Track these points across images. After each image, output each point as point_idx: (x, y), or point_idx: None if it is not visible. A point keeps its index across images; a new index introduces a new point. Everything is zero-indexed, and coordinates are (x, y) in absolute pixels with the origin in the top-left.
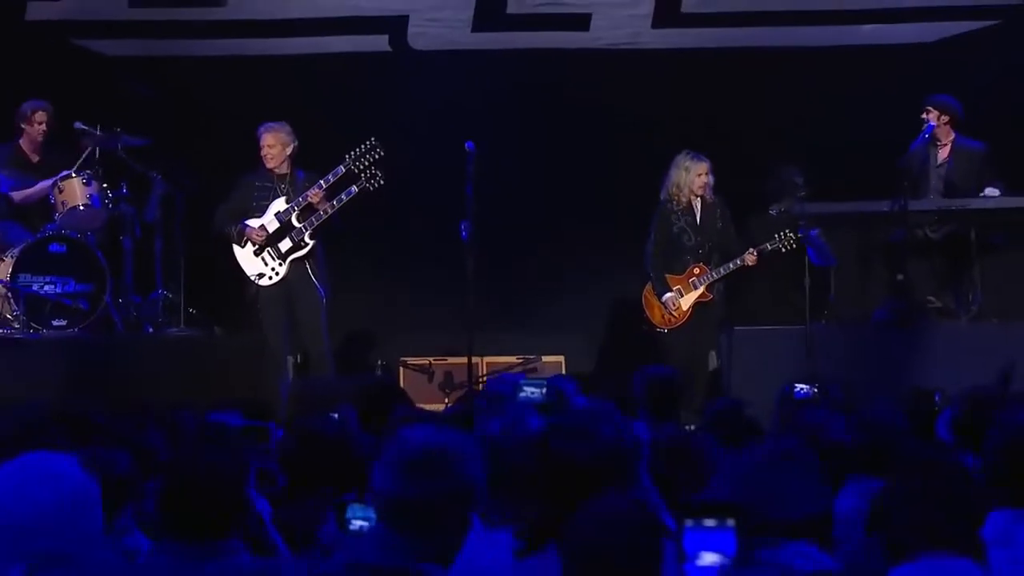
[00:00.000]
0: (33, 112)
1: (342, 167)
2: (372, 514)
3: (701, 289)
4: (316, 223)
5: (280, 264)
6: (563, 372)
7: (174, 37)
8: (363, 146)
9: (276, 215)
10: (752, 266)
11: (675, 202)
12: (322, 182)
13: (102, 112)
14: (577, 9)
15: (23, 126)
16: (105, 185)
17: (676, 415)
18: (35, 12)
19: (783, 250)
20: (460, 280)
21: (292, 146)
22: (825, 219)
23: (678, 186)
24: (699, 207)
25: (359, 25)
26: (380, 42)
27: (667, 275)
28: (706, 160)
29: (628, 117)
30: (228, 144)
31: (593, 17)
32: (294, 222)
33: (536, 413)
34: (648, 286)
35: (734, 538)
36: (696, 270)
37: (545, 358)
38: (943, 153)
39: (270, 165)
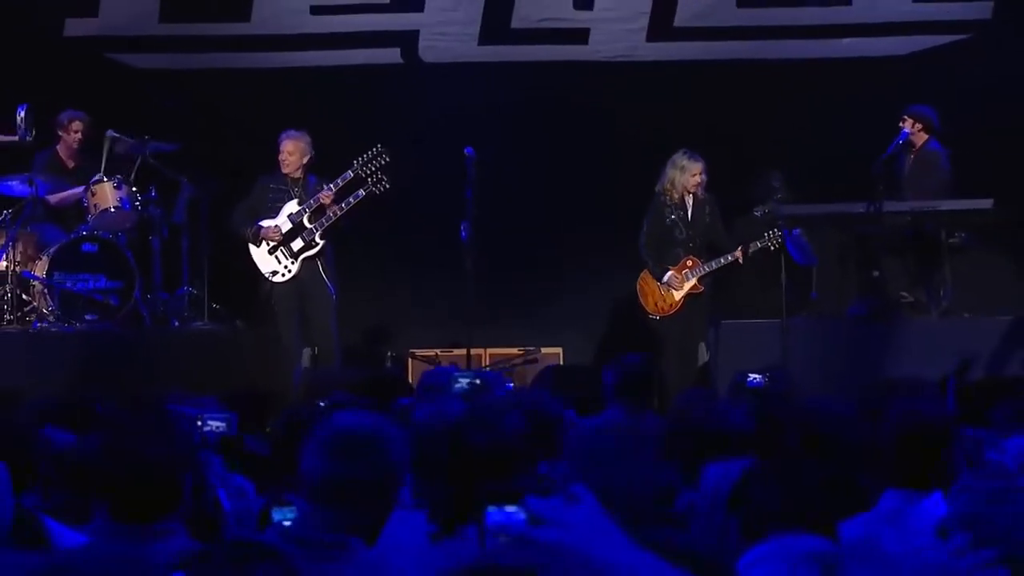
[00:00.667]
0: (70, 121)
1: (350, 172)
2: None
3: (693, 281)
4: (326, 224)
5: (292, 262)
6: (561, 363)
7: (201, 51)
8: (370, 152)
9: (289, 216)
10: (740, 263)
11: (668, 196)
12: (331, 185)
13: (133, 121)
14: (577, 24)
15: (60, 133)
16: (135, 189)
17: (648, 403)
18: (72, 29)
19: (771, 248)
20: (464, 278)
21: (309, 155)
22: (805, 220)
23: (672, 183)
24: (691, 203)
25: (373, 39)
26: (393, 55)
27: (664, 265)
28: (701, 160)
29: (624, 125)
30: (251, 150)
31: (592, 32)
32: (306, 223)
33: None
34: (643, 274)
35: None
36: (689, 262)
37: (544, 350)
38: (910, 161)
39: (286, 171)
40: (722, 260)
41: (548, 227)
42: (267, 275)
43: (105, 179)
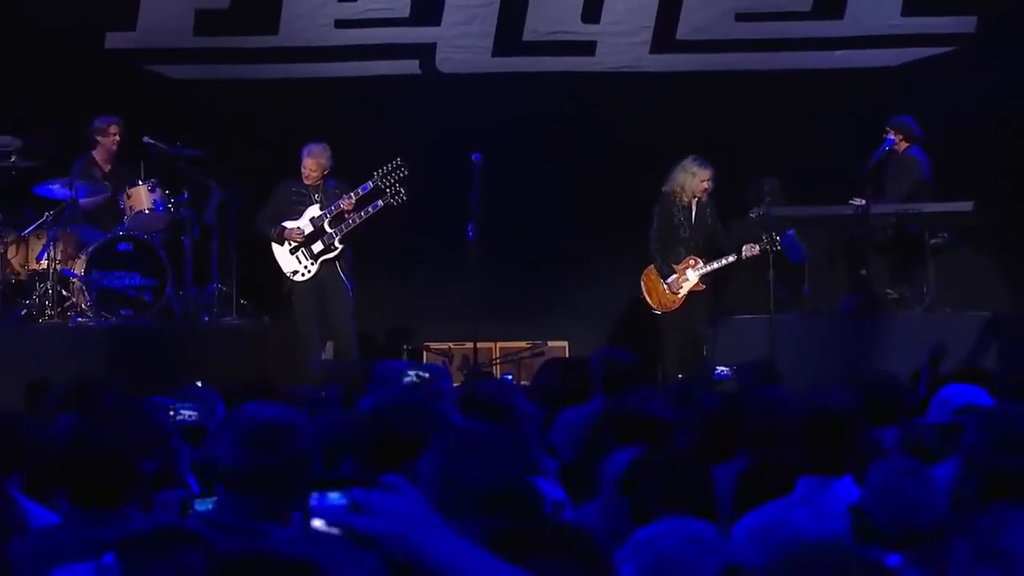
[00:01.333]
0: (108, 126)
1: (371, 183)
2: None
3: (695, 279)
4: (345, 230)
5: (312, 263)
6: (567, 355)
7: (232, 62)
8: (390, 165)
9: (311, 220)
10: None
11: (677, 198)
12: (352, 194)
13: (167, 128)
14: (584, 37)
15: (98, 138)
16: (168, 192)
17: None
18: (113, 42)
19: (771, 250)
20: (477, 275)
21: (329, 166)
22: (798, 221)
23: (682, 186)
24: (695, 206)
25: (393, 51)
26: (412, 66)
27: (670, 263)
28: (711, 168)
29: (628, 131)
30: (277, 156)
31: (598, 44)
32: (326, 227)
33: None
34: (649, 270)
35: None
36: (691, 261)
37: (551, 343)
38: (891, 162)
39: (308, 182)
40: (724, 260)
41: (555, 228)
42: (288, 274)
43: (140, 183)
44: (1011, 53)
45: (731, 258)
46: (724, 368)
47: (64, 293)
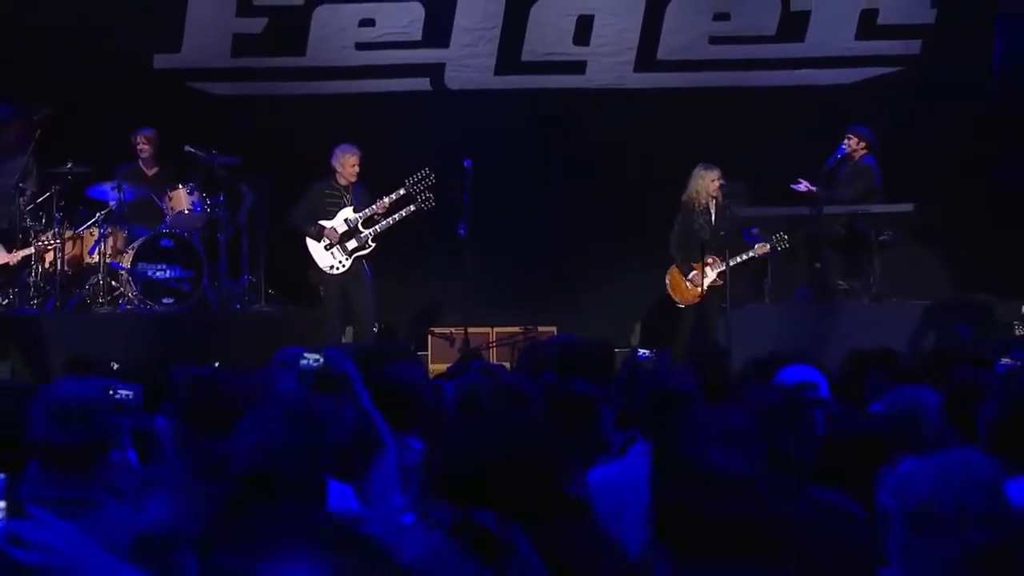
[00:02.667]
0: (146, 139)
1: (402, 189)
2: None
3: (714, 276)
4: (378, 231)
5: (347, 259)
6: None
7: (264, 80)
8: (420, 173)
9: (345, 220)
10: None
11: (696, 203)
12: (386, 199)
13: (207, 138)
14: (575, 58)
15: (139, 146)
16: (205, 195)
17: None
18: (160, 62)
19: (779, 248)
20: (472, 268)
21: (359, 168)
22: (761, 220)
23: (698, 191)
24: (714, 208)
25: (407, 70)
26: (423, 83)
27: (690, 263)
28: (716, 168)
29: (614, 141)
30: (304, 163)
31: (588, 64)
32: (360, 228)
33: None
34: (672, 269)
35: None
36: (711, 260)
37: (541, 328)
38: (848, 168)
39: (342, 182)
40: (739, 258)
41: (548, 226)
42: (324, 268)
43: (180, 186)
44: (950, 73)
45: (745, 256)
46: (646, 351)
47: (113, 284)
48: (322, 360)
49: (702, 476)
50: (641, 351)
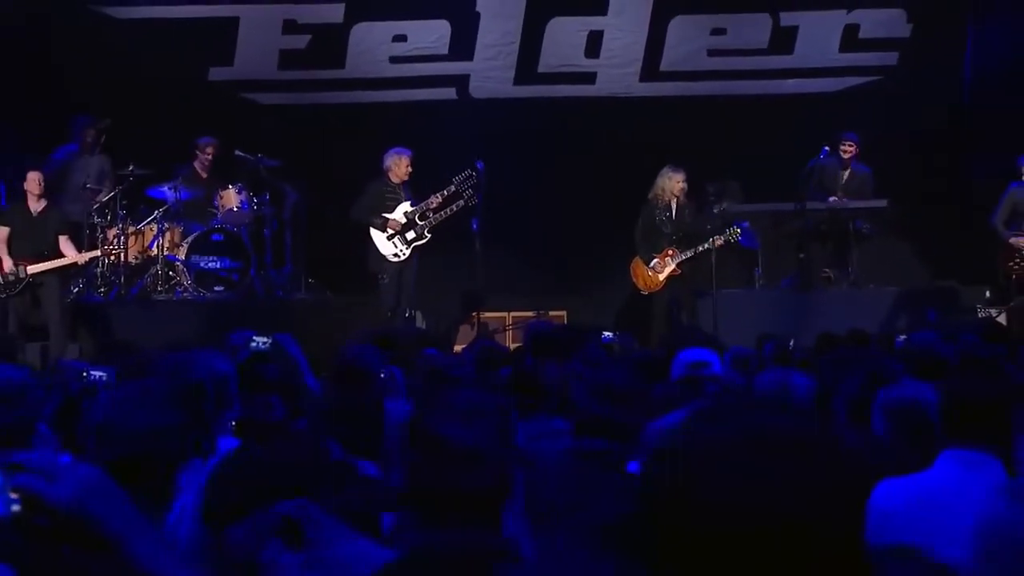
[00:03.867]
0: (206, 145)
1: (453, 186)
2: None
3: (673, 266)
4: (433, 223)
5: (407, 248)
6: (565, 322)
7: (308, 91)
8: (467, 172)
9: (404, 213)
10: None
11: (659, 200)
12: (438, 195)
13: (257, 142)
14: (586, 69)
15: (197, 153)
16: (252, 194)
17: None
18: (215, 75)
19: (731, 241)
20: (483, 258)
21: (410, 168)
22: (752, 215)
23: (662, 189)
24: (675, 205)
25: (435, 81)
26: (450, 93)
27: (652, 253)
28: (683, 171)
29: (621, 144)
30: (343, 166)
31: (598, 74)
32: (417, 220)
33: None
34: (635, 260)
35: None
36: (671, 252)
37: (552, 312)
38: (846, 175)
39: (396, 180)
40: (696, 249)
41: (560, 220)
42: (388, 256)
43: (230, 186)
44: (924, 82)
45: (701, 248)
46: (609, 333)
47: (170, 274)
48: (270, 342)
49: (442, 449)
50: (605, 333)
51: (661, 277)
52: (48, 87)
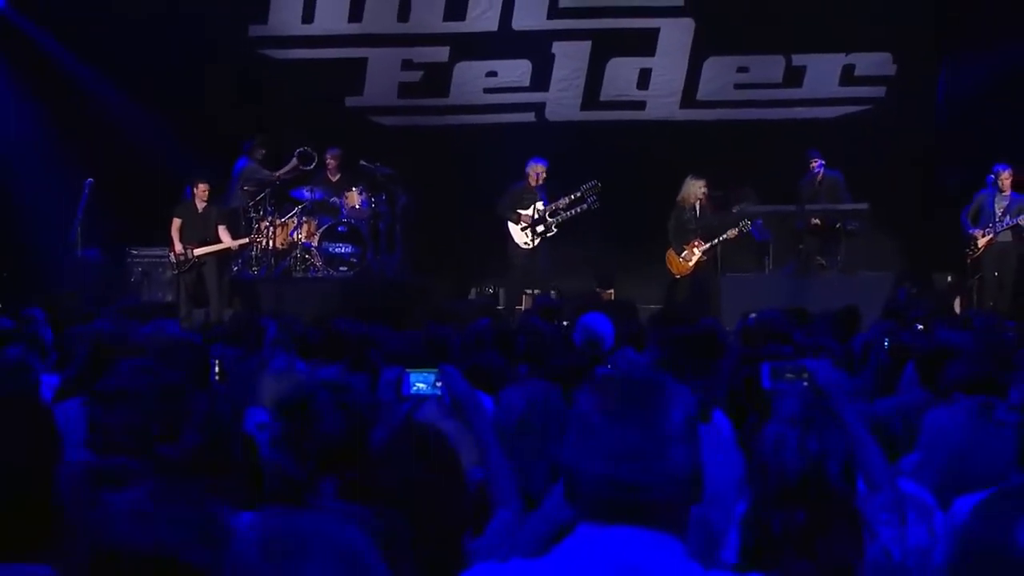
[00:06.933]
0: (333, 155)
1: (579, 192)
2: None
3: (699, 255)
4: (559, 220)
5: (536, 240)
6: (612, 298)
7: (420, 115)
8: (590, 183)
9: (536, 210)
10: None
11: (685, 202)
12: (565, 198)
13: (379, 155)
14: (638, 98)
15: (327, 160)
16: (371, 195)
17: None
18: (350, 102)
19: (744, 232)
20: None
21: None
22: (763, 215)
23: (688, 194)
24: (698, 207)
25: (519, 108)
26: (530, 117)
27: (682, 245)
28: (704, 179)
29: (665, 158)
30: (445, 175)
31: (647, 103)
32: (547, 217)
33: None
34: (669, 250)
35: None
36: (696, 243)
37: (606, 290)
38: (819, 180)
39: (533, 183)
40: (716, 240)
41: (615, 219)
42: (520, 244)
43: (353, 189)
44: (906, 111)
45: (720, 238)
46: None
47: (306, 257)
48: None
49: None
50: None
51: (690, 264)
52: (217, 112)
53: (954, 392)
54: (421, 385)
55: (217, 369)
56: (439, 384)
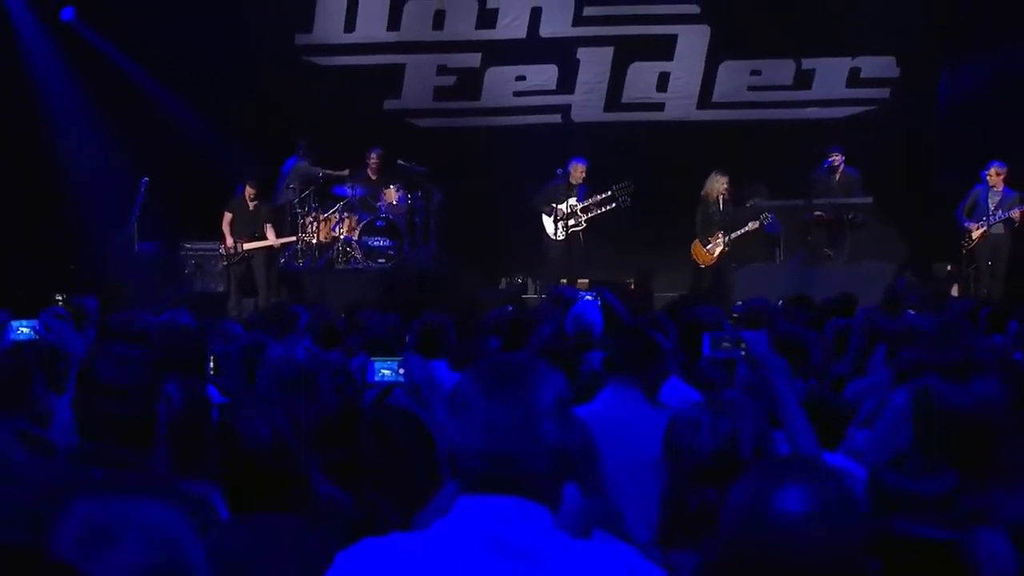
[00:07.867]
0: (372, 155)
1: (609, 191)
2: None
3: (722, 246)
4: (590, 216)
5: (566, 232)
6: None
7: (454, 117)
8: (623, 183)
9: (570, 205)
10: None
11: (708, 197)
12: (598, 196)
13: (416, 154)
14: (657, 100)
15: (368, 160)
16: (407, 192)
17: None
18: (388, 105)
19: (763, 224)
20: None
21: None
22: (775, 208)
23: (712, 189)
24: (721, 201)
25: (546, 109)
26: (556, 118)
27: (707, 237)
28: (727, 176)
29: (684, 156)
30: (476, 173)
31: (666, 104)
32: (579, 212)
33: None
34: (695, 241)
35: None
36: (719, 235)
37: (633, 282)
38: (838, 177)
39: (573, 181)
40: (737, 232)
41: (638, 214)
42: (551, 235)
43: (391, 186)
44: (908, 111)
45: (741, 231)
46: (589, 295)
47: (347, 250)
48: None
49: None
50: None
51: (714, 255)
52: (265, 116)
53: (911, 373)
54: (386, 372)
55: (212, 365)
56: (402, 371)
